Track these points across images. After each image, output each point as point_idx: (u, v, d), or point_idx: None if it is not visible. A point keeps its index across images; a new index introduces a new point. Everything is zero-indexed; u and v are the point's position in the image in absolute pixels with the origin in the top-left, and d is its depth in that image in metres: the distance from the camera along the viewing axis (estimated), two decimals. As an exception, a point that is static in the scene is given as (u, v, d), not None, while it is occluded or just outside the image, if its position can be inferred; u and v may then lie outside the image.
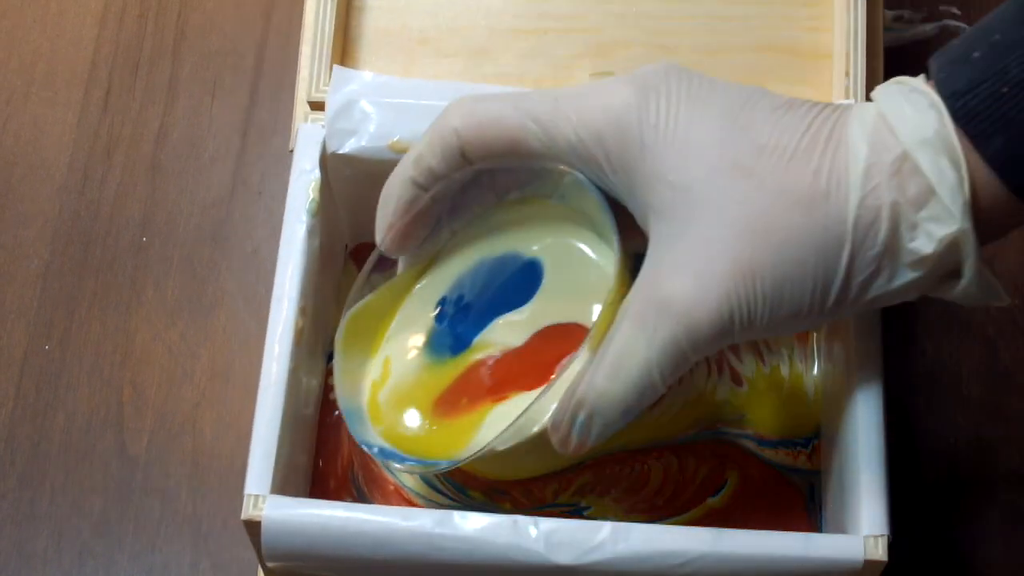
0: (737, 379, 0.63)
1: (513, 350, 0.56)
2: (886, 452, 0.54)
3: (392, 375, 0.57)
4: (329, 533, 0.51)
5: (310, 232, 0.58)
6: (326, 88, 0.61)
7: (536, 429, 0.53)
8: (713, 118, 0.50)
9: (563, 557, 0.51)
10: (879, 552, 0.51)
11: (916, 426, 0.66)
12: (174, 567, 0.64)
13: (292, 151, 0.60)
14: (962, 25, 0.74)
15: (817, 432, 0.62)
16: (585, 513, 0.60)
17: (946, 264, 0.49)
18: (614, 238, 0.51)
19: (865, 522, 0.52)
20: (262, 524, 0.51)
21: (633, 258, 0.52)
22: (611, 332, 0.50)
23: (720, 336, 0.49)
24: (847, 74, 0.61)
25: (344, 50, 0.64)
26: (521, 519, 0.51)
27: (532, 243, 0.57)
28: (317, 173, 0.59)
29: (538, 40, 0.64)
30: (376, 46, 0.64)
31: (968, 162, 0.47)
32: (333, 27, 0.62)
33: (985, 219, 0.48)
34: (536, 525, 0.51)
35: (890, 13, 0.73)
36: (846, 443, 0.55)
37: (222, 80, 0.75)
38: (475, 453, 0.52)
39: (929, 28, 0.74)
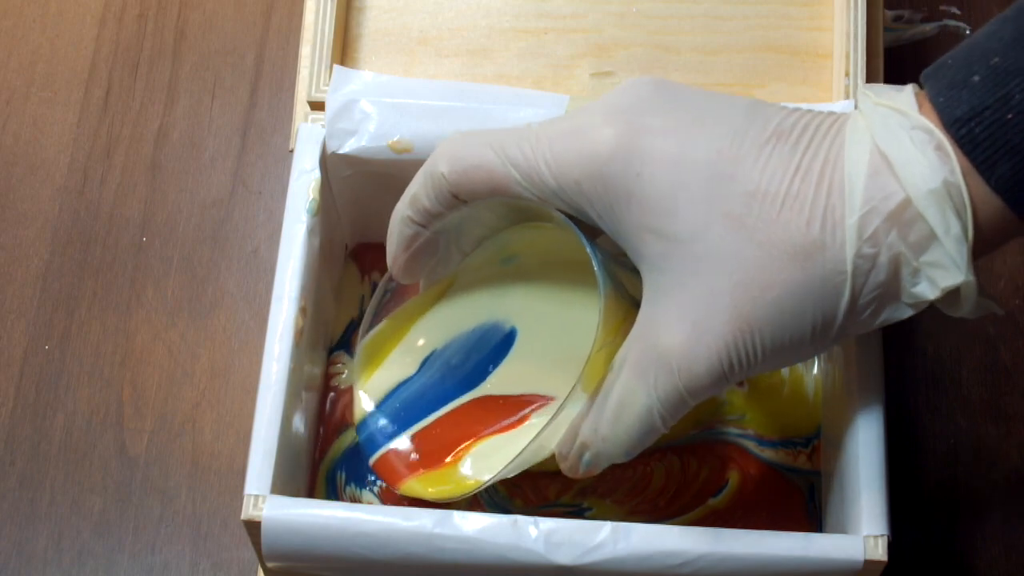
0: (737, 379, 0.63)
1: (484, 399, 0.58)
2: (886, 452, 0.54)
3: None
4: (329, 533, 0.51)
5: (310, 232, 0.58)
6: (326, 88, 0.61)
7: (545, 455, 0.54)
8: (700, 163, 0.48)
9: (563, 557, 0.51)
10: (879, 552, 0.51)
11: (916, 426, 0.66)
12: (174, 567, 0.64)
13: (292, 151, 0.60)
14: (962, 25, 0.74)
15: (817, 432, 0.62)
16: (587, 514, 0.60)
17: (946, 299, 0.48)
18: (600, 284, 0.50)
19: (865, 522, 0.52)
20: (262, 524, 0.51)
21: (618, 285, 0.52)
22: (610, 379, 0.50)
23: (719, 384, 0.49)
24: (847, 74, 0.61)
25: (344, 50, 0.64)
26: (521, 519, 0.51)
27: (519, 302, 0.58)
28: (317, 173, 0.59)
29: (538, 40, 0.64)
30: (376, 46, 0.64)
31: (968, 186, 0.46)
32: (333, 27, 0.62)
33: (985, 239, 0.47)
34: (536, 525, 0.51)
35: (890, 13, 0.73)
36: (846, 443, 0.55)
37: (222, 80, 0.75)
38: (490, 479, 0.54)
39: (929, 28, 0.74)
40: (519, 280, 0.58)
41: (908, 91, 0.48)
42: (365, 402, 0.59)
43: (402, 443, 0.59)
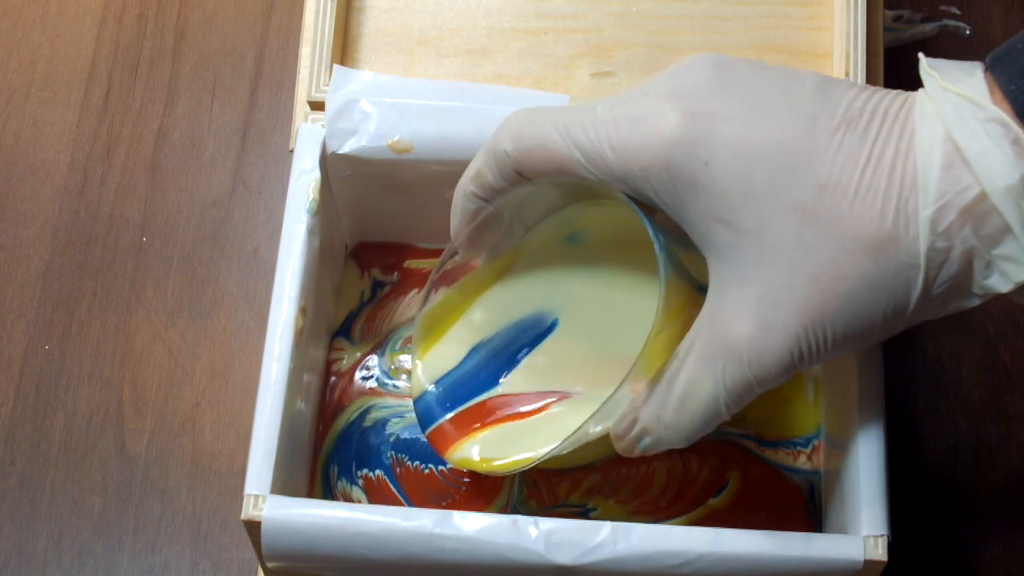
0: (737, 379, 0.63)
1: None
2: (886, 452, 0.54)
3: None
4: (329, 533, 0.51)
5: (310, 232, 0.58)
6: (326, 88, 0.61)
7: (594, 434, 0.54)
8: (768, 152, 0.47)
9: (563, 557, 0.51)
10: (879, 552, 0.51)
11: (916, 426, 0.66)
12: (174, 567, 0.64)
13: (292, 151, 0.60)
14: (962, 25, 0.74)
15: (817, 432, 0.62)
16: (591, 515, 0.60)
17: (1018, 289, 0.47)
18: (660, 268, 0.50)
19: (865, 522, 0.52)
20: (262, 524, 0.51)
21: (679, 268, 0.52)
22: (675, 366, 0.50)
23: (787, 373, 0.49)
24: (847, 74, 0.61)
25: (344, 50, 0.64)
26: (521, 519, 0.51)
27: (574, 291, 0.58)
28: (317, 173, 0.59)
29: (538, 40, 0.64)
30: (376, 46, 0.64)
31: None
32: (333, 27, 0.62)
33: None
34: (536, 525, 0.51)
35: (890, 13, 0.73)
36: (846, 443, 0.55)
37: (222, 80, 0.75)
38: (544, 455, 0.54)
39: (929, 28, 0.74)
40: (579, 264, 0.58)
41: (979, 78, 0.47)
42: (423, 377, 0.59)
43: (450, 420, 0.58)
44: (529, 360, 0.58)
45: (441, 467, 0.61)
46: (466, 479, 0.61)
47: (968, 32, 0.74)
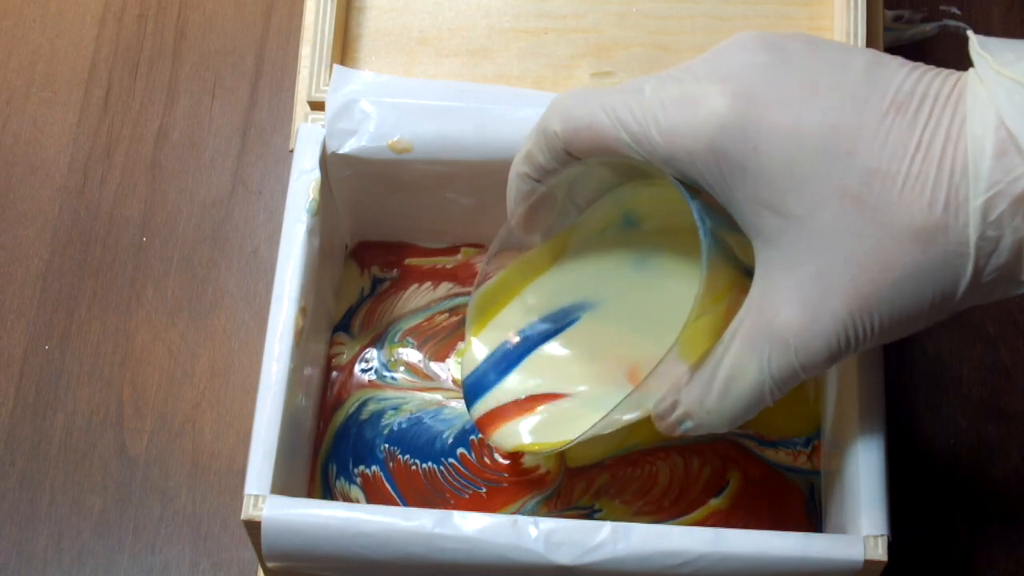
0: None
1: None
2: (886, 452, 0.54)
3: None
4: (329, 533, 0.51)
5: (310, 232, 0.58)
6: (326, 88, 0.61)
7: (625, 420, 0.54)
8: (816, 137, 0.47)
9: (563, 557, 0.51)
10: (879, 552, 0.51)
11: (916, 426, 0.66)
12: (174, 567, 0.64)
13: (292, 151, 0.60)
14: (962, 25, 0.74)
15: (817, 432, 0.62)
16: (596, 516, 0.60)
17: None
18: (703, 251, 0.49)
19: (865, 522, 0.52)
20: (262, 524, 0.51)
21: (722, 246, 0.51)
22: (719, 351, 0.50)
23: (834, 360, 0.49)
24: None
25: (344, 50, 0.64)
26: (521, 519, 0.51)
27: (618, 283, 0.58)
28: (317, 173, 0.59)
29: (538, 40, 0.64)
30: (376, 46, 0.64)
31: None
32: (333, 27, 0.62)
33: None
34: (536, 525, 0.51)
35: (890, 13, 0.73)
36: (846, 443, 0.55)
37: (222, 80, 0.75)
38: (580, 436, 0.54)
39: (929, 28, 0.74)
40: (631, 250, 0.58)
41: None
42: (474, 355, 0.59)
43: (496, 401, 0.59)
44: (569, 342, 0.58)
45: (426, 465, 0.61)
46: (464, 480, 0.61)
47: (968, 32, 0.74)
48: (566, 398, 0.58)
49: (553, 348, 0.59)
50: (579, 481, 0.61)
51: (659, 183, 0.54)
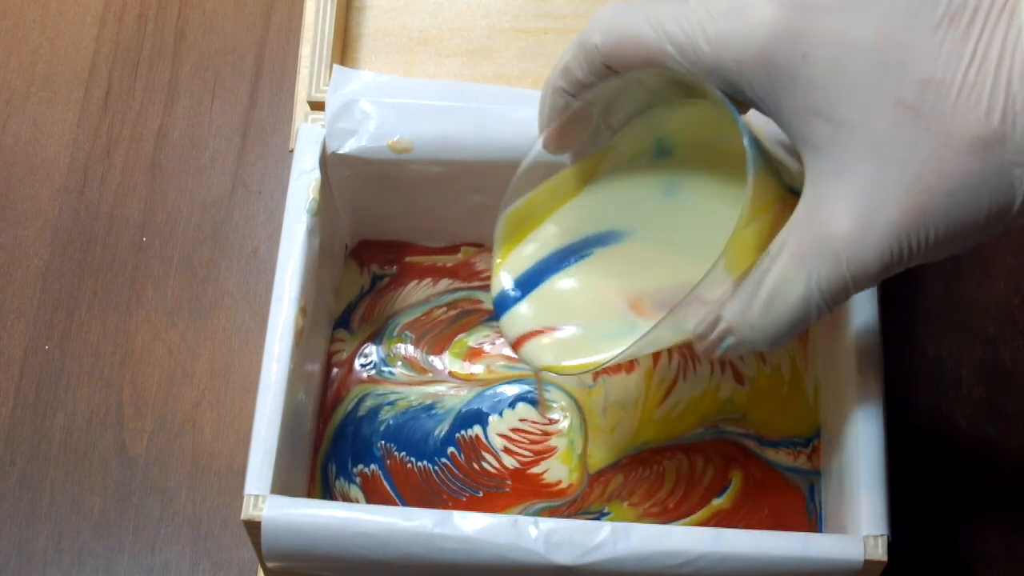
0: (739, 378, 0.63)
1: None
2: (886, 452, 0.54)
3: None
4: (329, 533, 0.51)
5: (310, 232, 0.58)
6: (326, 88, 0.61)
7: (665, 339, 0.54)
8: (868, 47, 0.46)
9: (563, 557, 0.51)
10: (879, 552, 0.51)
11: (916, 426, 0.66)
12: (174, 567, 0.64)
13: (292, 151, 0.60)
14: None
15: (817, 432, 0.62)
16: (604, 519, 0.60)
17: None
18: (748, 156, 0.49)
19: (865, 522, 0.52)
20: (262, 524, 0.51)
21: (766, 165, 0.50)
22: (764, 265, 0.49)
23: (885, 273, 0.48)
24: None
25: (344, 50, 0.64)
26: (521, 519, 0.51)
27: (650, 217, 0.56)
28: (317, 173, 0.59)
29: (538, 40, 0.64)
30: (376, 46, 0.64)
31: None
32: (333, 27, 0.62)
33: None
34: (536, 525, 0.51)
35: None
36: (846, 443, 0.55)
37: (222, 80, 0.75)
38: (614, 357, 0.53)
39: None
40: (663, 178, 0.57)
41: None
42: (503, 276, 0.58)
43: (522, 322, 0.58)
44: (602, 260, 0.57)
45: (421, 464, 0.61)
46: (462, 480, 0.61)
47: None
48: (591, 324, 0.57)
49: (580, 275, 0.57)
50: (596, 486, 0.61)
51: (695, 103, 0.53)
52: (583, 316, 0.57)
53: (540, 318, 0.57)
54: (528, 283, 0.58)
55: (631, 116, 0.56)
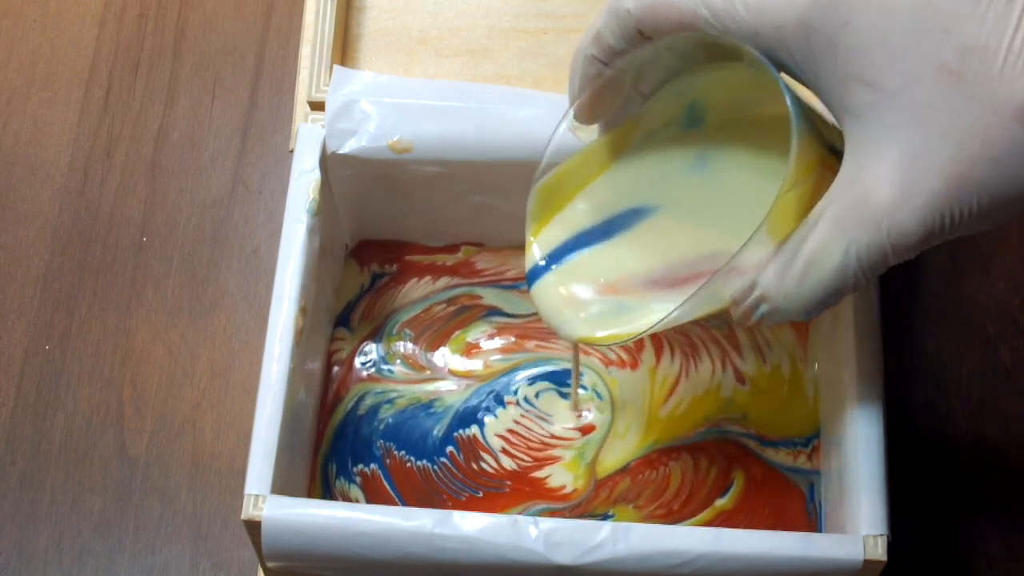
0: (740, 377, 0.63)
1: None
2: (886, 452, 0.54)
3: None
4: (329, 533, 0.51)
5: (310, 232, 0.58)
6: (326, 88, 0.61)
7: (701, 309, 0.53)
8: (910, 10, 0.46)
9: (563, 557, 0.51)
10: (879, 552, 0.51)
11: (916, 426, 0.66)
12: (174, 567, 0.64)
13: (292, 151, 0.60)
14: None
15: (817, 432, 0.62)
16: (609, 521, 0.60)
17: None
18: (792, 116, 0.48)
19: (865, 522, 0.52)
20: (262, 524, 0.51)
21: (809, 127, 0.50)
22: (801, 233, 0.49)
23: (926, 243, 0.47)
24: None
25: (344, 50, 0.64)
26: (521, 519, 0.51)
27: (682, 191, 0.56)
28: (317, 173, 0.59)
29: (538, 40, 0.64)
30: (376, 46, 0.64)
31: None
32: (333, 27, 0.62)
33: None
34: (536, 525, 0.51)
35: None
36: (846, 443, 0.55)
37: (222, 80, 0.75)
38: (659, 323, 0.52)
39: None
40: (695, 150, 0.56)
41: None
42: (534, 254, 0.57)
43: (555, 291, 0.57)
44: (634, 234, 0.57)
45: (421, 463, 0.61)
46: (460, 480, 0.61)
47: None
48: (624, 297, 0.56)
49: (612, 249, 0.57)
50: (603, 490, 0.61)
51: (729, 66, 0.53)
52: (616, 289, 0.56)
53: (573, 290, 0.56)
54: (559, 256, 0.57)
55: (662, 82, 0.55)
